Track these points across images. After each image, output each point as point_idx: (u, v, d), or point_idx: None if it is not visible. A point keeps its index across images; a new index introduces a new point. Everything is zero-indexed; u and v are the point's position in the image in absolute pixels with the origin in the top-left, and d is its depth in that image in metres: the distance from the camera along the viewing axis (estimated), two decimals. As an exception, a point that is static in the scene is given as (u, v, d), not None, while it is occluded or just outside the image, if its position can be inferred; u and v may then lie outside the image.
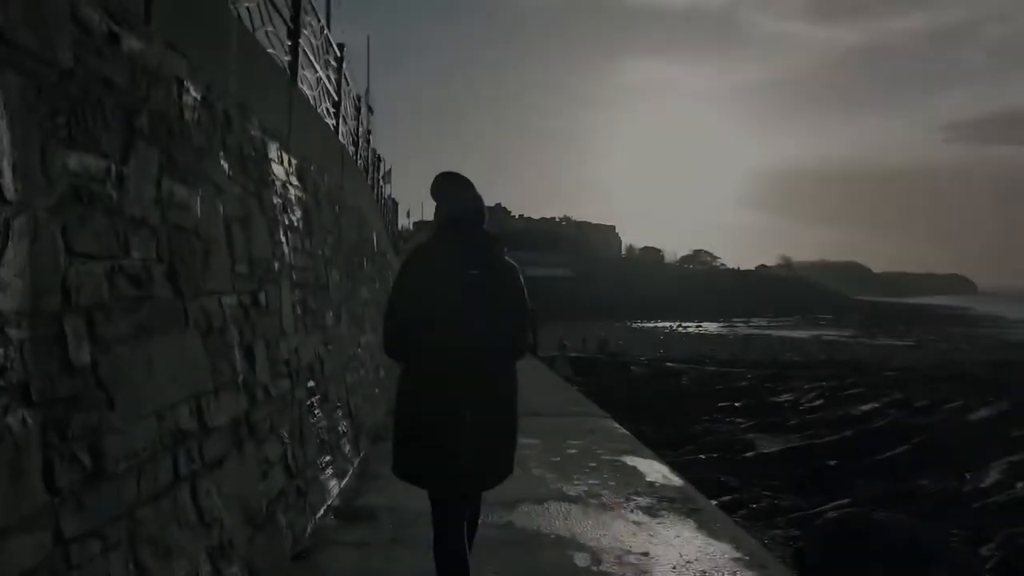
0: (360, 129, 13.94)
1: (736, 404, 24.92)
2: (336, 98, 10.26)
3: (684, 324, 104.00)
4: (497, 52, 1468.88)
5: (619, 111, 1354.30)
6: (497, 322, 3.90)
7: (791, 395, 28.92)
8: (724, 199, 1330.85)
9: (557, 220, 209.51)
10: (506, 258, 4.13)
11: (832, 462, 15.11)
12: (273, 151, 5.81)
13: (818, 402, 26.79)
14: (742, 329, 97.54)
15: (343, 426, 6.95)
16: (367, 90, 25.51)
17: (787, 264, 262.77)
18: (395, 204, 42.24)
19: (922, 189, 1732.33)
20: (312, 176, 7.24)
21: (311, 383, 6.04)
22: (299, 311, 6.03)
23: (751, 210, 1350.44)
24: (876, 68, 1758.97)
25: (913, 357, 53.48)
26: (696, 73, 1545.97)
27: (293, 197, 6.36)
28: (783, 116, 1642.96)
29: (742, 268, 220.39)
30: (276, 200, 5.76)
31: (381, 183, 23.50)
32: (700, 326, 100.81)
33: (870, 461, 15.95)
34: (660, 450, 13.41)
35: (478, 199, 4.21)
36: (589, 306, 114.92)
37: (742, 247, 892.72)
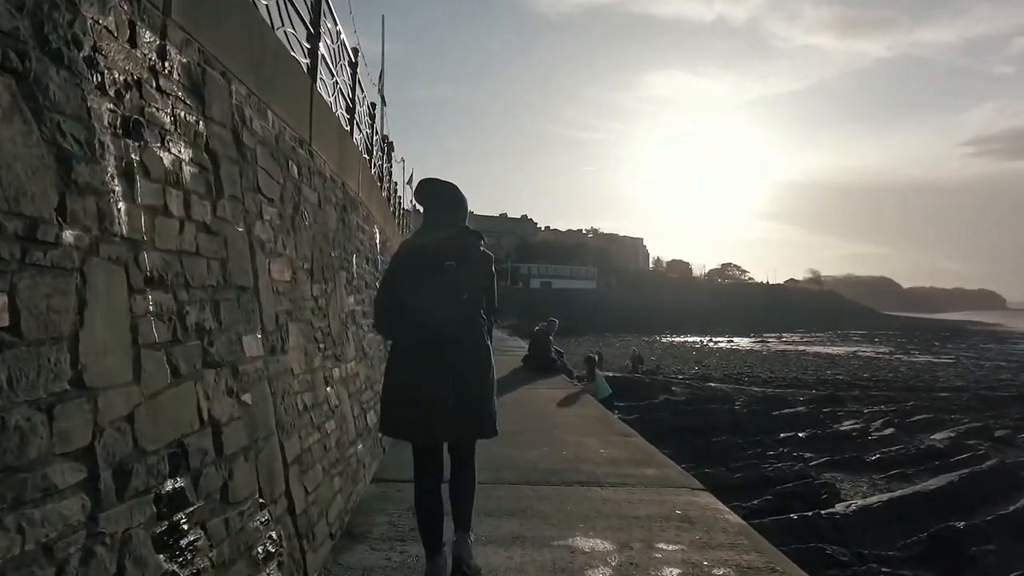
0: (359, 93, 10.86)
1: (800, 435, 22.13)
2: (311, 29, 7.26)
3: (715, 339, 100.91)
4: (523, 63, 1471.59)
5: (646, 123, 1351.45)
6: (466, 304, 4.56)
7: (855, 422, 26.20)
8: (751, 212, 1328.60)
9: (584, 232, 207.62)
10: (482, 249, 4.75)
11: (959, 523, 11.94)
12: (102, 10, 2.77)
13: (888, 431, 23.97)
14: (774, 344, 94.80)
15: (268, 543, 3.82)
16: (381, 74, 22.79)
17: (816, 279, 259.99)
18: (419, 214, 39.45)
19: (949, 203, 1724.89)
20: (231, 100, 4.20)
21: (176, 483, 2.95)
22: (157, 334, 2.97)
23: (777, 223, 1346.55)
24: (903, 81, 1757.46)
25: (958, 375, 51.42)
26: (723, 85, 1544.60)
27: (168, 119, 3.32)
28: (809, 129, 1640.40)
29: (771, 282, 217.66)
30: (101, 106, 2.72)
31: (392, 178, 20.45)
32: (732, 341, 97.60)
33: (994, 517, 12.96)
34: (733, 500, 10.43)
35: (457, 200, 4.87)
36: (616, 320, 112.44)
37: (769, 260, 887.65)
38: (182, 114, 3.49)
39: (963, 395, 36.21)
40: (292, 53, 6.27)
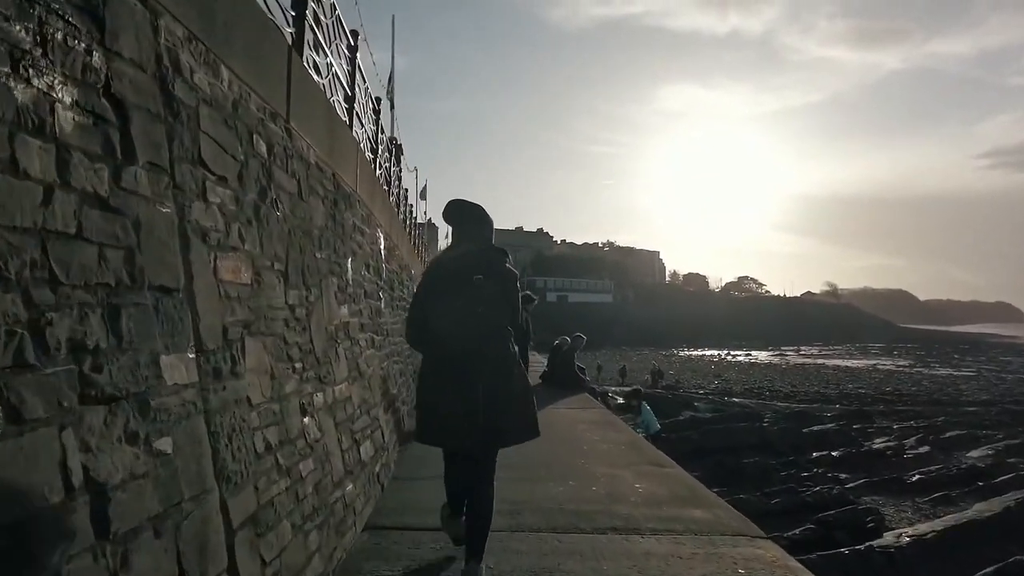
0: (360, 83, 9.75)
1: (833, 453, 21.10)
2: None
3: (733, 352, 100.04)
4: (538, 76, 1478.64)
5: (660, 136, 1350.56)
6: (488, 317, 4.71)
7: (887, 439, 25.13)
8: (766, 224, 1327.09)
9: (600, 245, 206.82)
10: (507, 265, 4.95)
11: (1025, 559, 10.75)
12: None
13: (923, 449, 22.92)
14: (793, 357, 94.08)
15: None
16: (391, 76, 21.90)
17: (833, 292, 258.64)
18: (434, 228, 38.40)
19: (965, 215, 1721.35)
20: (157, 38, 3.13)
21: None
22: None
23: (793, 235, 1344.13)
24: (918, 92, 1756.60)
25: (982, 389, 50.84)
26: (736, 98, 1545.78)
27: (29, 36, 2.24)
28: (823, 141, 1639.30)
29: (787, 295, 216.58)
30: None
31: (402, 183, 19.42)
32: (750, 354, 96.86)
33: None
34: (773, 530, 9.28)
35: (482, 219, 5.08)
36: (633, 333, 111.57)
37: (785, 273, 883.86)
38: (60, 36, 2.39)
39: (991, 409, 35.80)
40: (269, 16, 5.21)
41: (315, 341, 5.21)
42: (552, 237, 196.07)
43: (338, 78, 8.27)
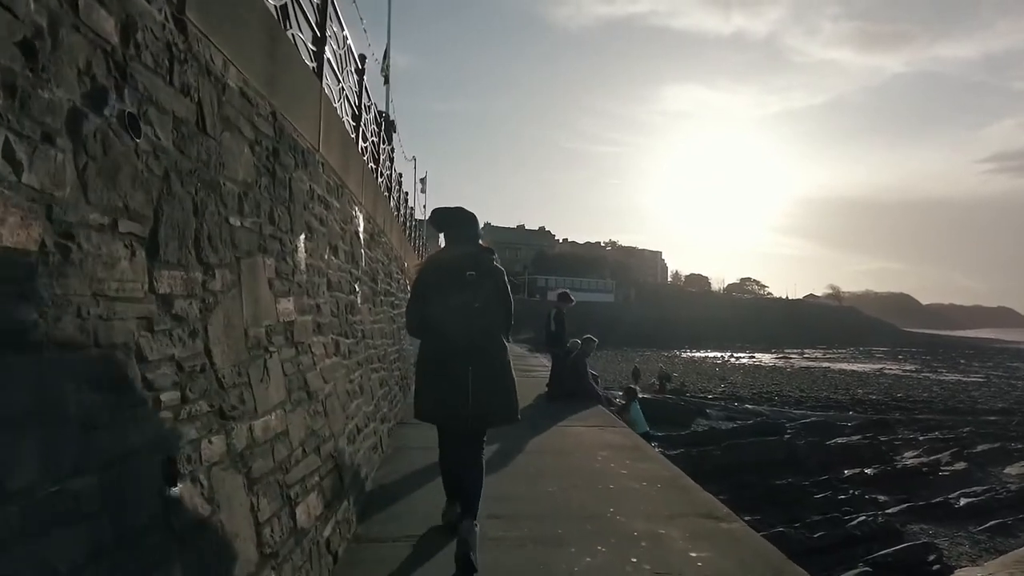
0: (332, 18, 7.79)
1: (867, 471, 19.39)
2: None
3: (736, 354, 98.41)
4: (541, 77, 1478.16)
5: (664, 136, 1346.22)
6: (485, 309, 5.23)
7: (917, 453, 23.42)
8: (768, 226, 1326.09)
9: (602, 245, 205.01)
10: (494, 263, 5.45)
11: None
12: None
13: (960, 465, 21.21)
14: (798, 360, 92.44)
15: None
16: (386, 53, 20.20)
17: (836, 295, 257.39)
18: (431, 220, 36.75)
19: (968, 220, 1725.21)
20: None
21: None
22: None
23: (795, 238, 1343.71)
24: (922, 96, 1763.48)
25: (994, 396, 49.67)
26: (740, 99, 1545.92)
27: None
28: (826, 144, 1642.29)
29: (790, 297, 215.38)
30: None
31: (393, 164, 17.62)
32: (753, 357, 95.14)
33: None
34: (819, 570, 7.44)
35: (468, 219, 5.57)
36: (635, 334, 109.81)
37: (788, 275, 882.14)
38: None
39: (1012, 419, 34.20)
40: None
41: (216, 352, 3.28)
42: (554, 236, 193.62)
43: (299, 5, 6.36)
